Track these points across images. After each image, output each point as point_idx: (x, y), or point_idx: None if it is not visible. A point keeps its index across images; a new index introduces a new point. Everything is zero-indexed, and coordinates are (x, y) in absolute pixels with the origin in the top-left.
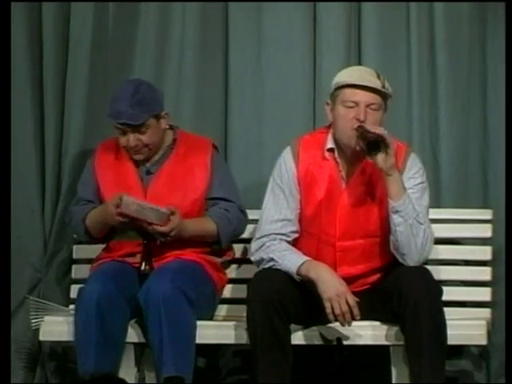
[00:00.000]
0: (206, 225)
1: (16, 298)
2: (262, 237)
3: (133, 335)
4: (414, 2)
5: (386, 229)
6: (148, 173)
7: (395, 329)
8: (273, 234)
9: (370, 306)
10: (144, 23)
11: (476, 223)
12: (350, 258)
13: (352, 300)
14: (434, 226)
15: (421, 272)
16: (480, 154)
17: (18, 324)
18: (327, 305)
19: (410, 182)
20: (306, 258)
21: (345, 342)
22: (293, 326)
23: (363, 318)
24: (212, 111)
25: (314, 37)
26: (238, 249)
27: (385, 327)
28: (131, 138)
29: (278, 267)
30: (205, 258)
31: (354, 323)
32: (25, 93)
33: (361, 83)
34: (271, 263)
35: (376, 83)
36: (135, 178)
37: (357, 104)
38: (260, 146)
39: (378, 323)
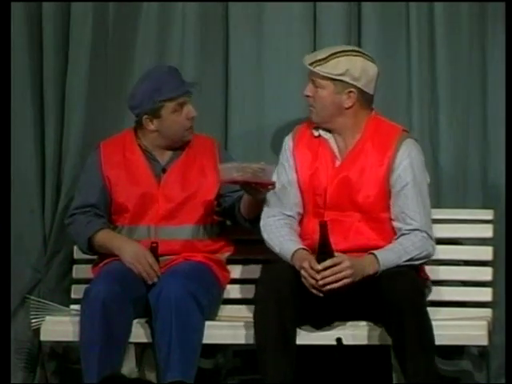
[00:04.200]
0: None
1: (16, 298)
2: (268, 209)
3: (133, 335)
4: (414, 2)
5: (376, 206)
6: (163, 170)
7: None
8: (276, 208)
9: (357, 308)
10: (144, 23)
11: (477, 223)
12: (337, 231)
13: None
14: (434, 226)
15: (403, 273)
16: (480, 153)
17: (18, 324)
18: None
19: (400, 182)
20: (298, 246)
21: (345, 342)
22: None
23: (353, 318)
24: (212, 111)
25: (313, 37)
26: (240, 249)
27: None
28: (191, 108)
29: (277, 254)
30: (210, 257)
31: (354, 324)
32: (25, 93)
33: (303, 60)
34: (270, 248)
35: (309, 60)
36: (149, 175)
37: (309, 80)
38: (260, 146)
39: (378, 323)
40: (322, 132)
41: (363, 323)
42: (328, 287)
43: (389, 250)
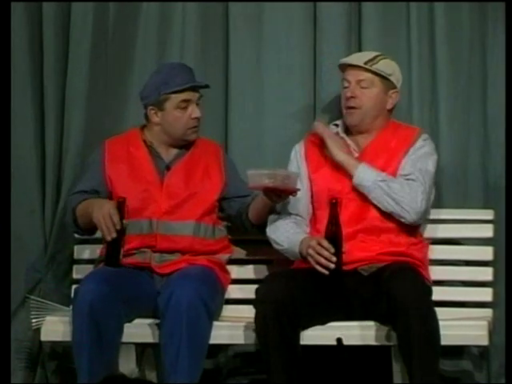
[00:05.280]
0: None
1: (16, 298)
2: (274, 215)
3: (133, 335)
4: (414, 2)
5: None
6: (167, 168)
7: None
8: (283, 213)
9: (366, 308)
10: (144, 23)
11: (477, 223)
12: (354, 209)
13: None
14: (435, 226)
15: (409, 273)
16: (480, 153)
17: (18, 324)
18: None
19: (415, 152)
20: (305, 236)
21: (346, 343)
22: None
23: (357, 318)
24: (212, 111)
25: (314, 37)
26: (240, 249)
27: (386, 327)
28: (196, 109)
29: (285, 251)
30: (213, 260)
31: (354, 324)
32: (25, 93)
33: (345, 62)
34: (278, 246)
35: (360, 61)
36: (152, 171)
37: (349, 82)
38: (260, 146)
39: (378, 323)
40: (339, 130)
41: (364, 323)
42: None
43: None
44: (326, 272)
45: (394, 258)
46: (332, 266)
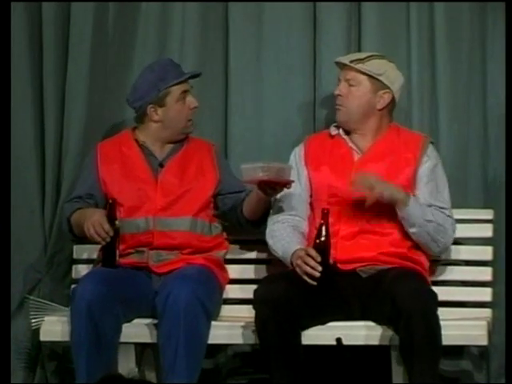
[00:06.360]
0: None
1: (16, 298)
2: (273, 216)
3: (132, 335)
4: (414, 2)
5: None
6: (161, 165)
7: None
8: (282, 214)
9: (366, 310)
10: (144, 23)
11: (477, 223)
12: (357, 214)
13: None
14: None
15: (413, 277)
16: (480, 153)
17: (18, 324)
18: None
19: (431, 174)
20: (298, 247)
21: (345, 343)
22: None
23: (357, 319)
24: (212, 111)
25: (314, 37)
26: (239, 249)
27: (385, 328)
28: (193, 98)
29: (280, 258)
30: (210, 258)
31: (354, 324)
32: (25, 93)
33: (336, 60)
34: (274, 253)
35: (348, 59)
36: (146, 169)
37: (340, 80)
38: (260, 146)
39: (378, 324)
40: (341, 131)
41: (364, 323)
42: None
43: (420, 204)
44: (314, 282)
45: (394, 259)
46: (317, 274)
